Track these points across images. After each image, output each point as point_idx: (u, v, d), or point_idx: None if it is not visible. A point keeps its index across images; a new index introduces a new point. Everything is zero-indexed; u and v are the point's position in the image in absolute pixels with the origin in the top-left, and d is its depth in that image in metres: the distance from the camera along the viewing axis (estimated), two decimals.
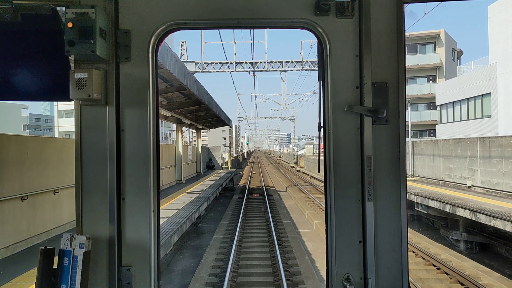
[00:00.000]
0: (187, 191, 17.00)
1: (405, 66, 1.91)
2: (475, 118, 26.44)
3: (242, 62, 25.70)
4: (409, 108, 23.20)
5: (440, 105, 31.77)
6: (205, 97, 15.81)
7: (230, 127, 28.87)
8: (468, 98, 27.50)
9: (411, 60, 40.42)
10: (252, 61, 25.34)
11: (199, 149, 27.64)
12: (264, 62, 25.51)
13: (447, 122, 30.70)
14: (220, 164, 34.48)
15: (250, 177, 37.39)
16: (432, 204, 12.82)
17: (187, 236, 13.02)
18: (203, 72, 25.60)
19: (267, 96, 42.56)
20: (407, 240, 1.89)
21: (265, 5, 1.92)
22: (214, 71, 26.04)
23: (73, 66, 1.86)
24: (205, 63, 25.71)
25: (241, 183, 33.23)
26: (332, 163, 1.90)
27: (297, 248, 11.68)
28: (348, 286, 1.86)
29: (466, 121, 27.66)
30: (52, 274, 1.79)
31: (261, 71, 25.84)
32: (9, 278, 6.33)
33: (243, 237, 13.15)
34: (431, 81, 43.00)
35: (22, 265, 7.28)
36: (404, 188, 1.88)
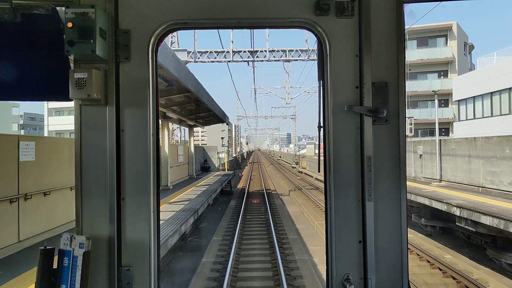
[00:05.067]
0: (171, 200, 13.67)
1: (405, 65, 1.94)
2: (501, 114, 23.11)
3: (240, 51, 22.39)
4: (436, 103, 19.76)
5: (458, 100, 28.65)
6: (191, 84, 12.37)
7: (227, 124, 25.42)
8: (492, 92, 24.20)
9: (421, 54, 37.86)
10: (252, 49, 21.91)
11: (192, 149, 24.20)
12: (265, 51, 22.18)
13: (467, 119, 27.36)
14: (217, 165, 30.98)
15: (250, 179, 36.10)
16: (487, 220, 9.42)
17: (170, 255, 10.59)
18: (196, 62, 22.47)
19: (268, 90, 39.10)
20: (407, 240, 1.92)
21: (265, 5, 1.95)
22: (208, 61, 22.84)
23: (73, 66, 1.89)
24: (198, 52, 22.38)
25: (240, 185, 31.65)
26: (332, 163, 1.93)
27: (309, 278, 9.37)
28: (348, 286, 1.87)
29: (489, 118, 24.24)
30: (52, 274, 1.81)
31: (262, 61, 22.69)
32: None
33: (240, 261, 10.79)
34: (442, 77, 40.12)
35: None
36: (404, 188, 1.91)
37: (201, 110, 19.72)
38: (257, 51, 23.23)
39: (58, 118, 53.25)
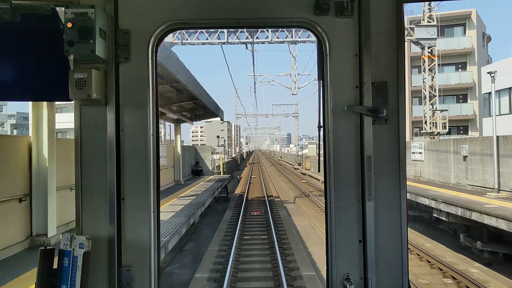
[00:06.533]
0: None
1: (404, 65, 1.97)
2: None
3: (237, 30, 17.75)
4: (492, 88, 15.33)
5: (489, 93, 24.21)
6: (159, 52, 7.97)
7: (222, 119, 21.01)
8: None
9: (437, 44, 32.94)
10: (251, 29, 17.39)
11: (179, 149, 19.79)
12: (267, 31, 17.58)
13: (501, 114, 23.08)
14: (211, 168, 26.55)
15: (249, 182, 33.00)
16: None
17: None
18: (184, 44, 18.05)
19: (271, 78, 33.94)
20: (407, 240, 1.96)
21: (264, 5, 1.98)
22: (198, 43, 18.46)
23: (73, 66, 1.94)
24: (186, 32, 17.76)
25: (238, 191, 28.28)
26: (332, 163, 1.98)
27: None
28: (348, 286, 1.90)
29: None
30: (52, 274, 1.85)
31: (263, 42, 18.07)
32: None
33: None
34: (460, 69, 35.77)
35: None
36: (404, 188, 1.95)
37: (184, 98, 15.16)
38: (257, 31, 18.80)
39: None
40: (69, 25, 1.72)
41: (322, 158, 2.11)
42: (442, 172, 17.70)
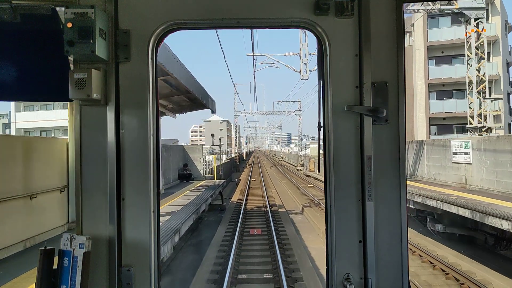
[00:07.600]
0: None
1: (404, 65, 2.04)
2: None
3: None
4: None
5: None
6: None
7: (213, 111, 16.77)
8: None
9: (457, 32, 30.55)
10: None
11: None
12: None
13: None
14: (202, 172, 22.31)
15: (249, 187, 29.87)
16: None
17: None
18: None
19: (275, 59, 28.50)
20: (407, 240, 2.00)
21: (264, 5, 2.04)
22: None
23: (73, 66, 2.00)
24: None
25: (235, 197, 24.77)
26: (332, 163, 2.03)
27: None
28: (348, 286, 1.94)
29: None
30: (52, 274, 1.88)
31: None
32: None
33: None
34: (482, 60, 30.94)
35: None
36: (404, 188, 2.01)
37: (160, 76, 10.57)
38: None
39: (28, 114, 48.83)
40: (69, 25, 1.74)
41: (322, 158, 2.19)
42: (502, 179, 13.75)
